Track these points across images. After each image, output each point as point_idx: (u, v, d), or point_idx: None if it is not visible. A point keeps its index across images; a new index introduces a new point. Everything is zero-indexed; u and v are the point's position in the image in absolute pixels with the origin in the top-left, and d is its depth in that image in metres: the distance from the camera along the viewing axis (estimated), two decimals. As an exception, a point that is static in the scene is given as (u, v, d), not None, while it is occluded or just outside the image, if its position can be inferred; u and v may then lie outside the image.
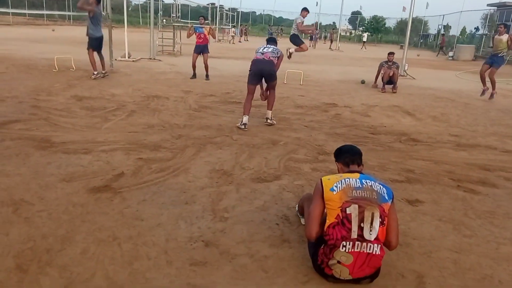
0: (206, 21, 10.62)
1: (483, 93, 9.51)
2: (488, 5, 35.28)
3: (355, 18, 55.23)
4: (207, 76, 10.26)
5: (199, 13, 10.72)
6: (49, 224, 2.74)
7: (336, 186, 2.29)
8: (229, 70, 12.69)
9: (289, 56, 9.87)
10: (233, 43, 31.08)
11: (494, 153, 5.20)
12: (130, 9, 56.59)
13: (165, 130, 5.32)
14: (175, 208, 3.12)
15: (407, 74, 13.16)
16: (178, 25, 17.68)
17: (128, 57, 13.18)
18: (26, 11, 37.58)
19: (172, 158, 4.24)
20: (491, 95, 9.48)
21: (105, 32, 9.46)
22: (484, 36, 28.58)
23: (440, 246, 2.79)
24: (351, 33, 56.40)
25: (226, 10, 39.26)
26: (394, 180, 4.02)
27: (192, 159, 4.25)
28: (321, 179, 2.38)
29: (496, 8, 34.03)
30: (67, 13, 39.84)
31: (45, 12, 39.28)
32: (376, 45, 41.41)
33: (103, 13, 10.33)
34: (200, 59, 10.24)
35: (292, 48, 9.80)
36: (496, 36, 9.37)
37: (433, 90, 10.62)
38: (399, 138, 5.65)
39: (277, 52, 5.91)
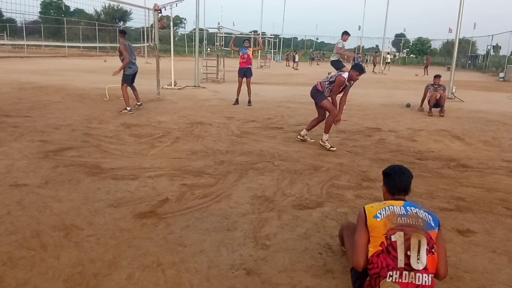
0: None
1: None
2: (541, 23, 33.68)
3: (399, 40, 54.45)
4: (249, 101, 10.43)
5: (242, 41, 10.99)
6: (97, 249, 2.84)
7: (380, 213, 2.23)
8: (270, 95, 12.84)
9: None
10: (296, 69, 31.37)
11: (554, 180, 4.86)
12: (176, 38, 59.36)
13: (208, 156, 5.43)
14: (217, 234, 3.14)
15: (455, 96, 12.73)
16: (222, 53, 18.23)
17: (174, 85, 13.69)
18: (80, 44, 40.24)
19: (214, 184, 4.31)
20: None
21: (152, 61, 9.90)
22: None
23: (494, 280, 2.62)
24: (395, 55, 55.58)
25: (268, 37, 40.08)
26: (443, 208, 3.85)
27: (234, 185, 4.29)
28: (364, 207, 2.33)
29: (550, 26, 32.40)
30: (117, 44, 42.17)
31: (97, 44, 41.88)
32: (421, 68, 40.44)
33: (151, 44, 10.86)
34: (244, 84, 10.41)
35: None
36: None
37: (483, 113, 10.18)
38: (448, 164, 5.42)
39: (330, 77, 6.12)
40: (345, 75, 5.84)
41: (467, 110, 10.68)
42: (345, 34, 10.37)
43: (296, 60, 33.76)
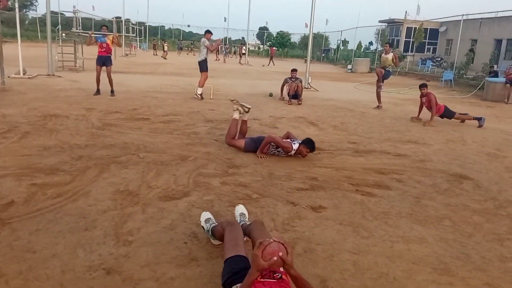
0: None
1: (377, 107, 10.35)
2: (379, 21, 39.01)
3: (263, 33, 57.18)
4: (112, 91, 9.83)
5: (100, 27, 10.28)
6: None
7: None
8: (136, 85, 12.30)
9: (202, 97, 10.08)
10: (165, 58, 30.25)
11: (388, 157, 5.68)
12: (27, 22, 52.39)
13: (63, 151, 4.95)
14: (73, 235, 2.89)
15: (310, 86, 13.92)
16: (80, 40, 16.75)
17: (23, 74, 12.12)
18: None
19: (71, 181, 3.95)
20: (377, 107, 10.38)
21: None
22: (377, 49, 31.43)
23: (341, 249, 2.95)
24: (259, 47, 58.23)
25: (132, 24, 38.19)
26: (299, 188, 4.18)
27: (93, 181, 4.00)
28: None
29: (386, 24, 37.70)
30: None
31: None
32: (283, 60, 43.21)
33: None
34: (104, 74, 9.79)
35: (197, 89, 10.06)
36: (383, 55, 10.40)
37: (334, 101, 11.36)
38: (305, 148, 5.90)
39: None
40: (295, 146, 5.27)
41: (321, 99, 11.78)
42: (208, 33, 10.52)
43: (166, 49, 32.98)
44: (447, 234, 3.32)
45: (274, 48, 33.79)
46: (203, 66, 10.33)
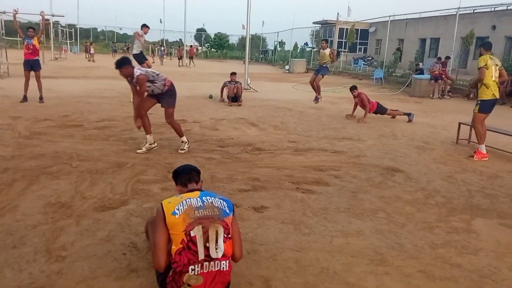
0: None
1: (316, 99, 10.72)
2: (313, 23, 40.26)
3: (200, 35, 56.76)
4: (41, 98, 9.24)
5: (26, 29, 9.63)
6: None
7: (178, 209, 2.21)
8: (68, 90, 11.69)
9: None
10: (93, 61, 28.89)
11: (326, 154, 5.86)
12: None
13: (-15, 164, 4.57)
14: (-1, 255, 2.67)
15: (250, 87, 14.03)
16: (3, 44, 15.58)
17: None
18: None
19: (-5, 196, 3.65)
20: (316, 99, 10.75)
21: None
22: (312, 50, 32.37)
23: (283, 248, 2.99)
24: (197, 49, 57.77)
25: (62, 27, 36.27)
26: (241, 190, 4.19)
27: (21, 195, 3.73)
28: (161, 203, 2.29)
29: (320, 25, 38.98)
30: None
31: None
32: (221, 61, 43.18)
33: None
34: (33, 79, 9.20)
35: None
36: (321, 51, 10.78)
37: (273, 101, 11.53)
38: (246, 149, 5.94)
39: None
40: (143, 70, 5.30)
41: (261, 99, 11.92)
42: (145, 26, 10.28)
43: (92, 52, 31.63)
44: (382, 226, 3.48)
45: (193, 47, 33.11)
46: (140, 59, 10.05)
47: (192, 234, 2.17)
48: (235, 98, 10.53)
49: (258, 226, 3.36)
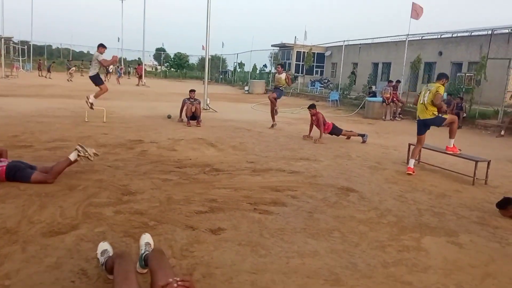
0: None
1: (272, 126, 10.82)
2: (272, 45, 41.15)
3: (160, 54, 56.34)
4: (-14, 117, 8.78)
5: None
6: None
7: None
8: (18, 109, 11.18)
9: (91, 107, 9.67)
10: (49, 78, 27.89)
11: (283, 175, 5.93)
12: None
13: None
14: None
15: (209, 107, 14.04)
16: None
17: None
18: None
19: None
20: (272, 126, 10.84)
21: None
22: (271, 72, 33.04)
23: (240, 270, 2.97)
24: (156, 68, 57.25)
25: (14, 43, 34.89)
26: (198, 211, 4.14)
27: (-39, 221, 3.49)
28: None
29: (278, 48, 39.91)
30: None
31: None
32: (181, 81, 43.00)
33: None
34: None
35: (91, 95, 9.71)
36: (276, 75, 11.02)
37: (232, 122, 11.59)
38: (204, 170, 5.90)
39: None
40: None
41: (220, 120, 11.94)
42: (101, 46, 10.08)
43: (72, 70, 30.70)
44: (336, 245, 3.55)
45: (141, 66, 32.57)
46: (97, 80, 9.89)
47: None
48: (193, 117, 10.48)
49: (215, 248, 3.32)
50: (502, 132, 11.93)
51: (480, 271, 3.27)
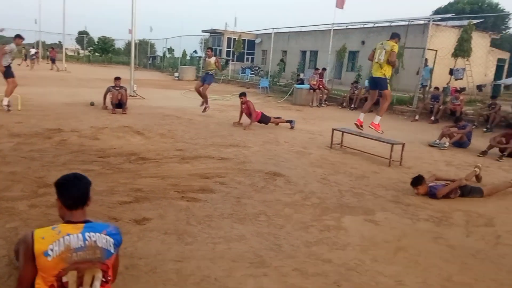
0: None
1: (204, 109, 10.73)
2: (202, 31, 40.50)
3: (82, 38, 52.93)
4: None
5: None
6: None
7: (52, 250, 1.91)
8: None
9: (9, 109, 8.87)
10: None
11: (212, 162, 5.92)
12: None
13: None
14: None
15: (136, 94, 13.53)
16: None
17: None
18: None
19: None
20: (204, 109, 10.78)
21: None
22: (201, 58, 32.53)
23: (165, 260, 2.94)
24: (79, 53, 53.79)
25: None
26: (122, 202, 4.00)
27: None
28: (32, 236, 1.93)
29: (209, 34, 39.38)
30: None
31: None
32: (106, 66, 40.91)
33: None
34: None
35: (5, 98, 8.91)
36: (206, 59, 10.85)
37: (162, 109, 11.29)
38: (129, 159, 5.70)
39: None
40: None
41: (148, 107, 11.57)
42: (18, 37, 9.26)
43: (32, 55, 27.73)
44: (262, 229, 3.64)
45: (54, 49, 30.09)
46: (7, 72, 9.05)
47: (64, 279, 1.94)
48: (119, 105, 10.04)
49: (139, 239, 3.24)
50: (417, 117, 12.89)
51: (393, 245, 3.54)
